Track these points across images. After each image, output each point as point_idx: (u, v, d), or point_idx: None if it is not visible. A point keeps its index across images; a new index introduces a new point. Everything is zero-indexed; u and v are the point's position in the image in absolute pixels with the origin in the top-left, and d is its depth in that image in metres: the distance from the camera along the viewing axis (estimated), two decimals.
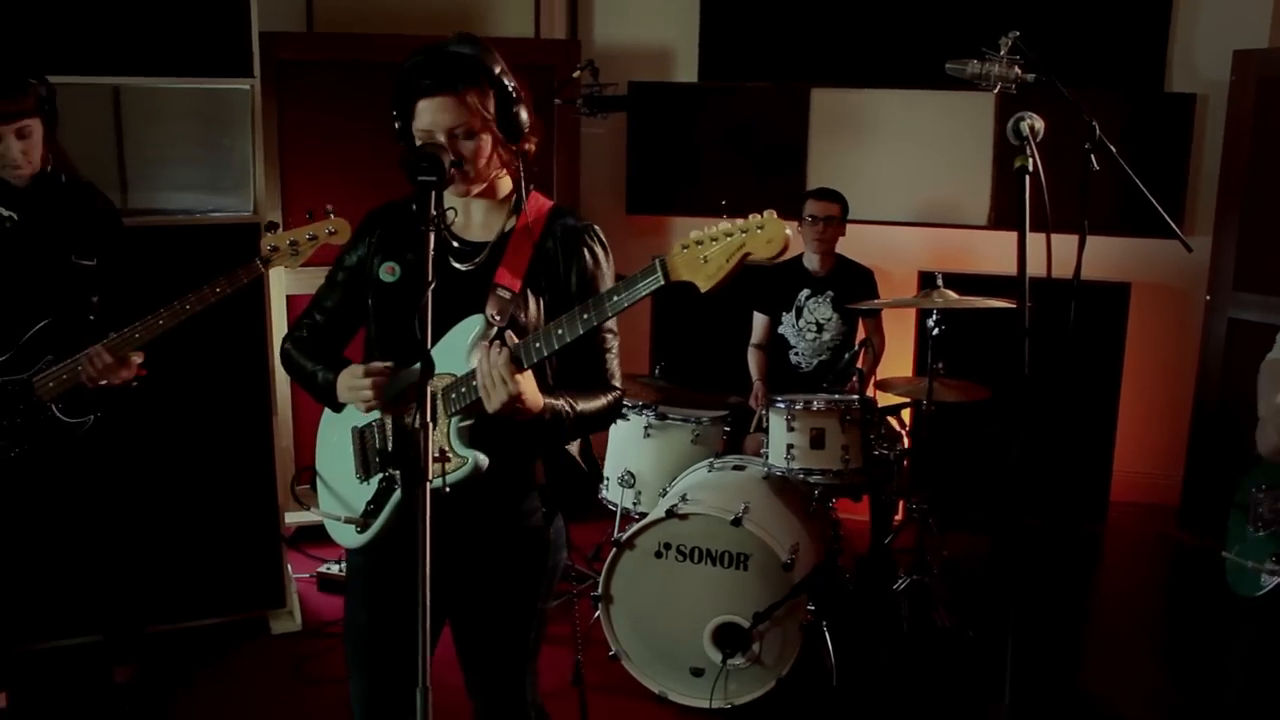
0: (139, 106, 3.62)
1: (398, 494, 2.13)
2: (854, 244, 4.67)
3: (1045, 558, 4.69)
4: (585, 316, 1.91)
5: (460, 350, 2.04)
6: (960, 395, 3.96)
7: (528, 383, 1.94)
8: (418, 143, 2.01)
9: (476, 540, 2.17)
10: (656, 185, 5.49)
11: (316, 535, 4.69)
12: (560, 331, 1.92)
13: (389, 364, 2.10)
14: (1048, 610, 4.21)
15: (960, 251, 5.35)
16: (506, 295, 2.05)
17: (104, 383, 2.92)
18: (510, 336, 2.03)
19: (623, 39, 5.54)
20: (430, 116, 1.99)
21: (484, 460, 2.03)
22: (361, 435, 2.20)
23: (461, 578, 2.19)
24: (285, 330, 2.40)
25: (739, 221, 1.76)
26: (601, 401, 2.13)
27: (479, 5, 5.32)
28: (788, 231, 1.74)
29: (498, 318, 2.04)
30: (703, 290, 1.79)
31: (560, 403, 2.05)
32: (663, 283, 1.82)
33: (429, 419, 1.74)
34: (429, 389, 1.88)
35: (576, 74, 3.83)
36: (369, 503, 2.16)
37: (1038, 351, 4.26)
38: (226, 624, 3.86)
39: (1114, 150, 3.47)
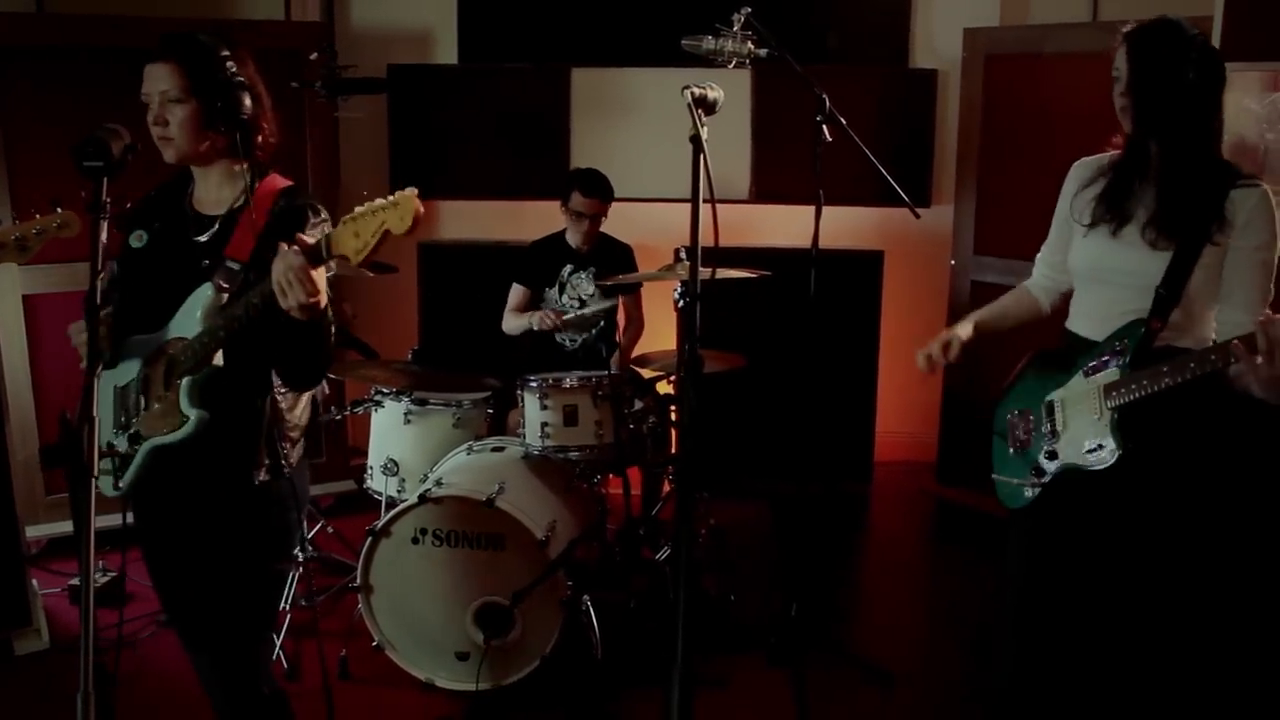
0: None
1: (137, 455, 2.21)
2: (619, 222, 4.70)
3: (813, 520, 4.87)
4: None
5: (193, 317, 2.17)
6: (715, 365, 4.05)
7: (321, 280, 2.01)
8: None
9: (199, 501, 2.25)
10: (420, 169, 5.40)
11: (67, 548, 4.45)
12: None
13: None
14: (816, 570, 4.38)
15: (723, 226, 5.47)
16: (235, 266, 2.19)
17: None
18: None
19: (380, 21, 5.43)
20: (145, 82, 2.19)
21: (204, 415, 2.13)
22: (123, 392, 2.29)
23: (183, 539, 2.28)
24: (20, 333, 2.33)
25: (380, 201, 1.90)
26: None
27: None
28: (419, 207, 1.88)
29: (226, 286, 2.17)
30: (353, 262, 1.93)
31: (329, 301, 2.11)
32: (326, 256, 1.94)
33: (93, 413, 1.67)
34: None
35: (314, 56, 3.73)
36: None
37: (791, 320, 4.39)
38: None
39: (844, 123, 3.63)
